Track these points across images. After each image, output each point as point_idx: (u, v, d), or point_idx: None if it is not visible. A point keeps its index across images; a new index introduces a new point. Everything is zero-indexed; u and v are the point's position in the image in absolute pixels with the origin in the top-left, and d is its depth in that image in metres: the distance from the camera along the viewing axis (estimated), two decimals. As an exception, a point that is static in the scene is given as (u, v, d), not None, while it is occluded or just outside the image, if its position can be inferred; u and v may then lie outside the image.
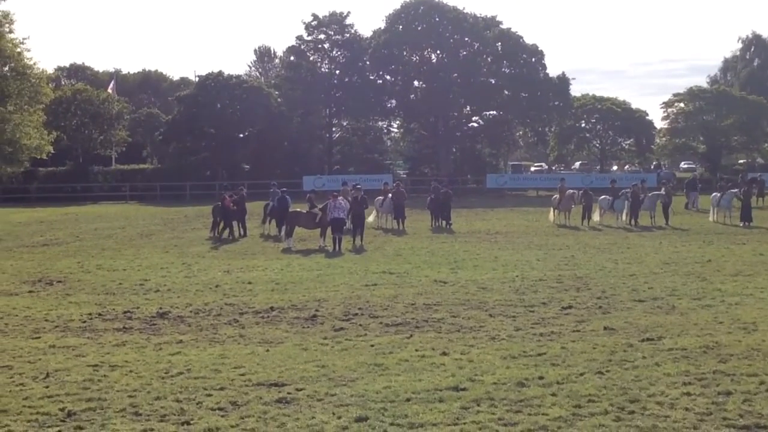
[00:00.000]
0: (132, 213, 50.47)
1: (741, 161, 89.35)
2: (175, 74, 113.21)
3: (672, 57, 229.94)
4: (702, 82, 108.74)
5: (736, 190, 39.24)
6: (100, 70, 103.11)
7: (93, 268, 24.55)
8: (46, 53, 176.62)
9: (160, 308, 17.65)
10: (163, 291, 20.19)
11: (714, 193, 41.01)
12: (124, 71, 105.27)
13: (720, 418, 9.86)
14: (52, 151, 64.06)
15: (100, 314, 17.21)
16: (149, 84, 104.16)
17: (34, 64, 58.86)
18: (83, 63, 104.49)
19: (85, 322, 16.47)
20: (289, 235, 29.77)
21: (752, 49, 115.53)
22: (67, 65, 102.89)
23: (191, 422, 9.99)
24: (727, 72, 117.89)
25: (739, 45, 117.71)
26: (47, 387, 11.61)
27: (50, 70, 74.62)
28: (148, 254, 28.09)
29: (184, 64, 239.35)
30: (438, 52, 77.41)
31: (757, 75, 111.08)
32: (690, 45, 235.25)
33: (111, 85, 78.98)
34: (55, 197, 63.39)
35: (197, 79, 78.99)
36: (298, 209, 32.15)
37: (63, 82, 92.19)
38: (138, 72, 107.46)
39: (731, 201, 38.27)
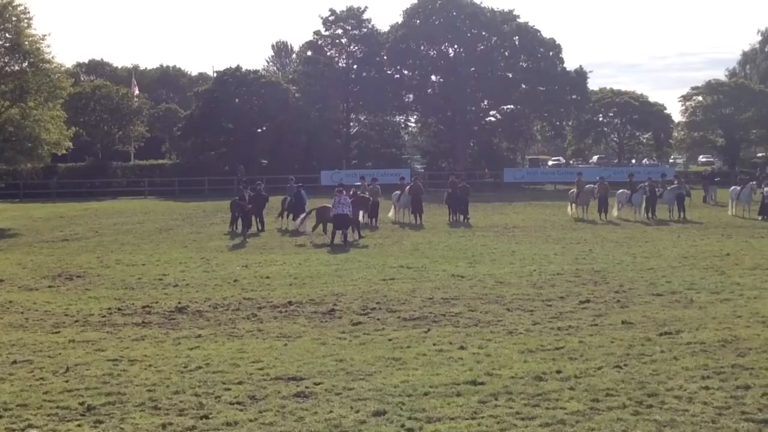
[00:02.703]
0: (151, 208, 50.67)
1: (760, 155, 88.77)
2: (193, 70, 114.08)
3: (689, 50, 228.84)
4: (718, 75, 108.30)
5: (754, 182, 39.00)
6: (119, 66, 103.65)
7: (112, 263, 24.69)
8: (65, 49, 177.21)
9: (179, 303, 17.74)
10: (182, 286, 20.29)
11: (733, 187, 40.82)
12: (143, 67, 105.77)
13: (739, 412, 9.83)
14: (72, 147, 64.29)
15: (119, 309, 17.32)
16: (168, 79, 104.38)
17: (53, 58, 59.13)
18: (102, 59, 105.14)
19: (104, 316, 16.58)
20: (315, 229, 29.99)
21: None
22: (86, 61, 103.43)
23: (210, 416, 10.04)
24: (746, 65, 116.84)
25: (758, 38, 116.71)
26: (67, 381, 11.71)
27: (69, 66, 74.95)
28: (167, 249, 28.22)
29: (202, 60, 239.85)
30: (455, 46, 77.18)
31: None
32: (707, 38, 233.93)
33: (133, 84, 79.23)
34: (74, 192, 63.67)
35: (215, 74, 79.11)
36: (328, 204, 32.23)
37: (82, 78, 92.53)
38: (156, 68, 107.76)
39: (750, 195, 38.06)
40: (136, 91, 77.35)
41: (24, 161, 47.67)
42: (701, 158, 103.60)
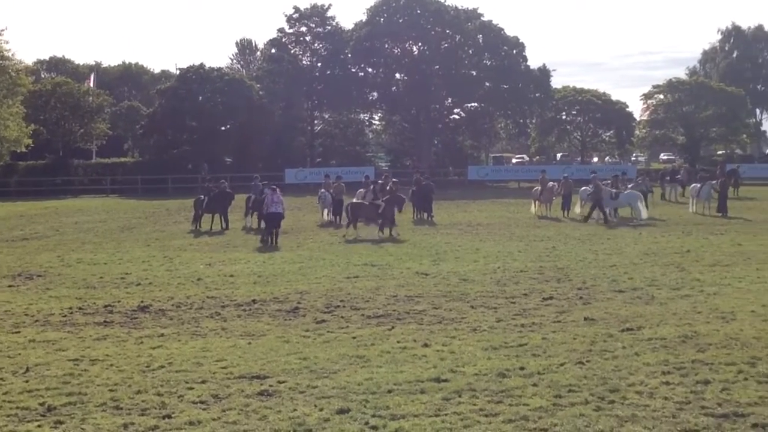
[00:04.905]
0: (113, 206, 50.24)
1: (720, 152, 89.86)
2: (156, 67, 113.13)
3: (650, 49, 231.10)
4: (680, 74, 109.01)
5: (714, 182, 39.50)
6: (81, 63, 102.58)
7: (73, 262, 24.45)
8: (25, 46, 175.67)
9: (142, 302, 17.61)
10: (145, 284, 20.13)
11: (693, 185, 41.34)
12: (105, 64, 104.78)
13: (698, 406, 9.94)
14: (32, 144, 63.67)
15: (80, 308, 17.15)
16: (130, 77, 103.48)
17: (13, 55, 58.38)
18: (63, 56, 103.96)
19: (65, 316, 16.41)
20: (353, 225, 30.28)
21: (731, 41, 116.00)
22: (47, 58, 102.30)
23: (172, 416, 9.98)
24: (706, 63, 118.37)
25: (719, 36, 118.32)
26: (27, 381, 11.58)
27: (30, 63, 74.14)
28: (130, 248, 27.99)
29: (165, 57, 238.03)
30: (419, 44, 77.44)
31: (736, 66, 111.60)
32: (668, 37, 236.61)
33: (91, 78, 78.51)
34: (35, 191, 62.98)
35: (178, 71, 78.51)
36: (359, 201, 32.28)
37: (43, 75, 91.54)
38: (118, 65, 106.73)
39: (710, 192, 38.52)
40: (90, 82, 76.47)
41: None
42: (662, 156, 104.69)
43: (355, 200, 33.18)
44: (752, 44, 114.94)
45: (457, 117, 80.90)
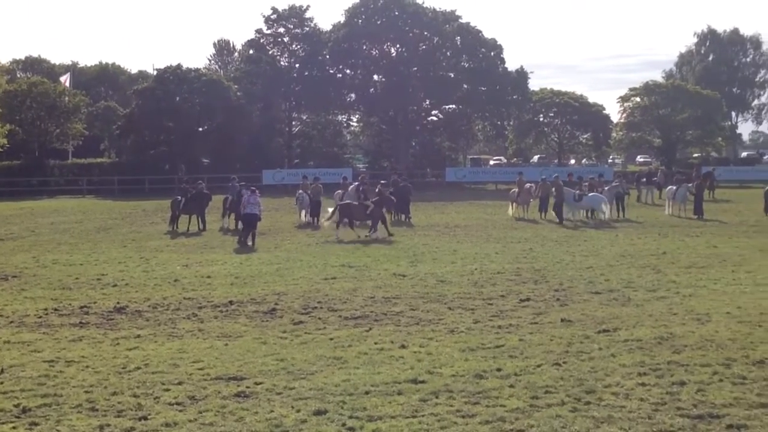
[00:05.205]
0: (89, 207, 49.93)
1: (696, 155, 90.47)
2: (133, 67, 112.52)
3: (625, 52, 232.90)
4: (654, 77, 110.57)
5: (690, 184, 39.81)
6: (57, 63, 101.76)
7: (49, 263, 24.28)
8: (0, 45, 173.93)
9: (118, 303, 17.52)
10: (121, 285, 20.03)
11: (669, 187, 41.67)
12: (81, 64, 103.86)
13: (674, 407, 10.01)
14: (7, 145, 63.15)
15: (56, 309, 17.04)
16: (107, 77, 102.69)
17: (-13, 54, 57.87)
18: (39, 56, 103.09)
19: (40, 317, 16.30)
20: (347, 226, 30.20)
21: (707, 44, 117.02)
22: (23, 58, 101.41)
23: (148, 417, 9.94)
24: (682, 66, 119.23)
25: (695, 40, 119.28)
26: (2, 383, 11.49)
27: (5, 63, 73.55)
28: (106, 249, 27.84)
29: (142, 58, 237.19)
30: (397, 46, 77.45)
31: (712, 70, 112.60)
32: (643, 40, 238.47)
33: (66, 77, 77.97)
34: (10, 191, 62.37)
35: (156, 72, 78.15)
36: (349, 201, 32.16)
37: (18, 75, 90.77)
38: (95, 65, 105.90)
39: (686, 195, 38.81)
40: (65, 82, 75.92)
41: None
42: (639, 158, 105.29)
43: (341, 201, 33.24)
44: (728, 47, 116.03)
45: (434, 119, 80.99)
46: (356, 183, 38.51)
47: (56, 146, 73.94)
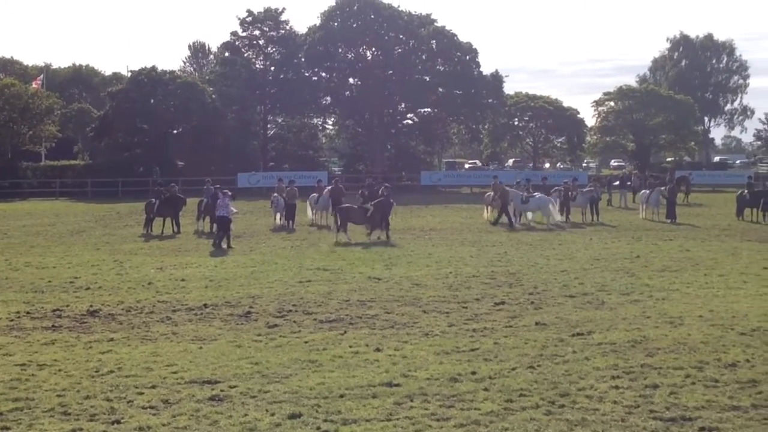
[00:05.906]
0: (62, 210, 49.56)
1: (669, 159, 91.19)
2: (107, 69, 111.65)
3: (599, 57, 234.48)
4: (628, 81, 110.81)
5: (663, 188, 40.11)
6: (30, 65, 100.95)
7: (21, 266, 24.07)
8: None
9: (91, 306, 17.40)
10: (94, 289, 19.89)
11: (643, 191, 42.01)
12: (55, 65, 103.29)
13: (647, 410, 10.07)
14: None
15: (28, 312, 16.88)
16: (80, 79, 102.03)
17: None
18: (12, 57, 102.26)
19: (12, 320, 16.14)
20: (343, 229, 30.01)
21: (680, 50, 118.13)
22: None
23: (121, 421, 9.87)
24: (656, 71, 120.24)
25: (668, 45, 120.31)
26: (-27, 387, 11.38)
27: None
28: (79, 251, 27.64)
29: (116, 59, 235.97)
30: (373, 49, 77.58)
31: (685, 75, 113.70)
32: (616, 45, 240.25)
33: (38, 79, 77.39)
34: (-19, 194, 61.92)
35: (130, 74, 77.70)
36: (349, 205, 32.09)
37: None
38: (69, 66, 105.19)
39: (659, 198, 39.10)
40: (36, 84, 75.41)
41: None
42: (613, 162, 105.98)
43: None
44: (701, 53, 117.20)
45: (410, 122, 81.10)
46: (330, 186, 38.56)
47: (29, 148, 73.33)
